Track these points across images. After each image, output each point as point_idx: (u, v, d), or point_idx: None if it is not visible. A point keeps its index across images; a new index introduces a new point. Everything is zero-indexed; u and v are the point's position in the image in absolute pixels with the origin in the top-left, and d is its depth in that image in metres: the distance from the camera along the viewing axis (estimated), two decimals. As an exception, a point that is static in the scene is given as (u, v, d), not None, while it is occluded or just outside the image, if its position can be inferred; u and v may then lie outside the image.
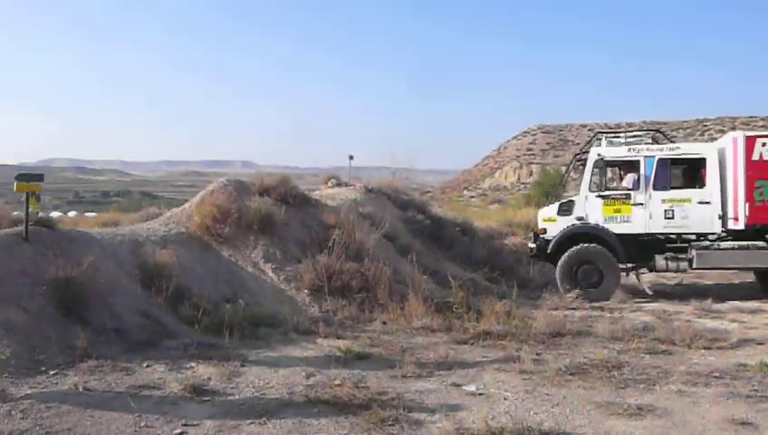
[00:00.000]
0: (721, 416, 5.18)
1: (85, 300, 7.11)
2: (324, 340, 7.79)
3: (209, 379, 6.10)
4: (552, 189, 12.49)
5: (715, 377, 6.33)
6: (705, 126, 78.95)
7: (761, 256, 11.33)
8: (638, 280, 12.22)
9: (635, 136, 12.51)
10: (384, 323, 8.79)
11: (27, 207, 7.46)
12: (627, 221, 11.78)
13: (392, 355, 7.09)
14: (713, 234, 11.61)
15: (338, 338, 7.85)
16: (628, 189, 11.91)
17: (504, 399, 5.68)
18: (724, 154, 11.68)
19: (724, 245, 11.48)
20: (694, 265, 11.53)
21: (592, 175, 12.00)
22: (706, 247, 11.50)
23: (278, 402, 5.53)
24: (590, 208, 11.96)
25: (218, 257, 10.02)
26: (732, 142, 11.55)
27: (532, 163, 73.64)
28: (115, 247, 8.89)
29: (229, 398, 5.64)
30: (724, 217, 11.51)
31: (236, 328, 7.58)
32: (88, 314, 7.06)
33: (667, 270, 11.88)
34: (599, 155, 11.94)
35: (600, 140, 12.72)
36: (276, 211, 10.91)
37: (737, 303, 10.87)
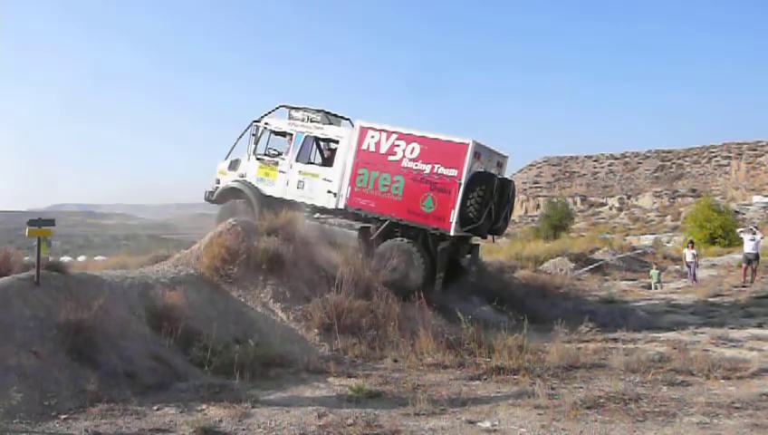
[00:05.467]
0: (744, 448, 5.07)
1: (96, 343, 7.09)
2: (335, 379, 7.72)
3: (220, 421, 6.03)
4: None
5: (737, 408, 6.22)
6: (712, 153, 78.97)
7: (346, 237, 12.42)
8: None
9: (313, 111, 13.64)
10: (395, 360, 8.71)
11: (39, 252, 7.51)
12: (272, 184, 13.56)
13: (404, 393, 7.01)
14: (331, 209, 12.93)
15: (349, 377, 7.78)
16: (278, 156, 13.66)
17: (520, 435, 5.59)
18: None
19: (331, 221, 12.84)
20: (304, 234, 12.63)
21: (257, 139, 13.86)
22: (317, 220, 12.90)
23: (290, 444, 5.45)
24: (250, 168, 13.82)
25: (227, 298, 10.02)
26: (353, 131, 12.75)
27: (538, 196, 73.72)
28: (125, 290, 8.90)
29: (241, 440, 5.57)
30: (337, 196, 12.83)
31: (247, 369, 7.52)
32: (98, 358, 7.03)
33: None
34: (265, 123, 13.81)
35: (288, 111, 13.96)
36: (284, 251, 10.94)
37: (755, 331, 10.75)
